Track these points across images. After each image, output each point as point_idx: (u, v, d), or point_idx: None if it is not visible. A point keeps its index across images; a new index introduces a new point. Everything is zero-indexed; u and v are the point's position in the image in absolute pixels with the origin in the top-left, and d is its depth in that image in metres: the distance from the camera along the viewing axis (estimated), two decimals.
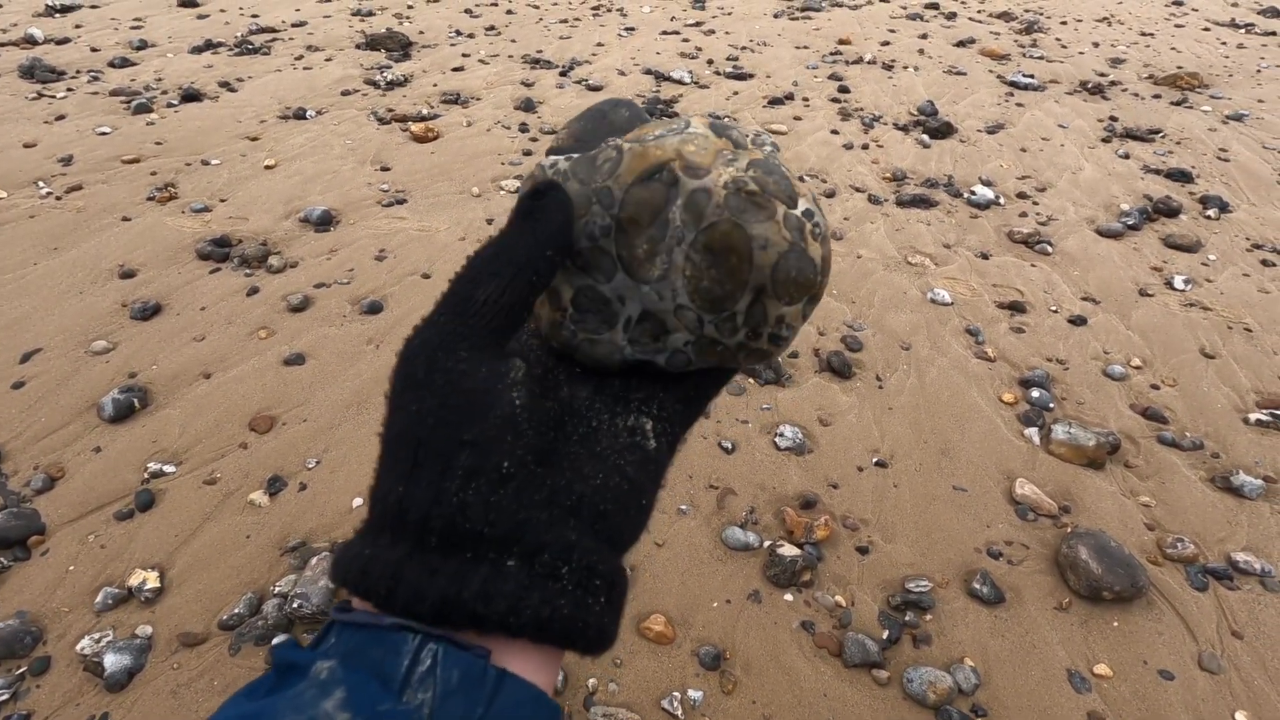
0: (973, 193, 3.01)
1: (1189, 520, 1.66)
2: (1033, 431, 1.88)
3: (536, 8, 5.44)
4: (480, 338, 0.30)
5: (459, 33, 4.75)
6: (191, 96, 3.54)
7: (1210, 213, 2.99)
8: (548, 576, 0.28)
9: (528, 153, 3.19)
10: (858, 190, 3.03)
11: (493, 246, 0.31)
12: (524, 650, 0.28)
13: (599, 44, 4.67)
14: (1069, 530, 1.60)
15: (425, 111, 3.53)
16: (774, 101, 3.85)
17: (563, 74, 4.11)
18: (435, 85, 3.87)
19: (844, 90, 4.05)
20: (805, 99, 3.94)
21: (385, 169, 3.00)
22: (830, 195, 2.97)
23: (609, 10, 5.44)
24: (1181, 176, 3.24)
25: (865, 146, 3.43)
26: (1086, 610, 1.46)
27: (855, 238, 2.70)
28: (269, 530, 1.54)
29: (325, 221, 2.60)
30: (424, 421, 0.28)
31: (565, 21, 5.12)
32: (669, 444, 0.35)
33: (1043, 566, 1.54)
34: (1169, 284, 2.53)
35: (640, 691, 1.28)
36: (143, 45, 4.19)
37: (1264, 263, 2.69)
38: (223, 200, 2.72)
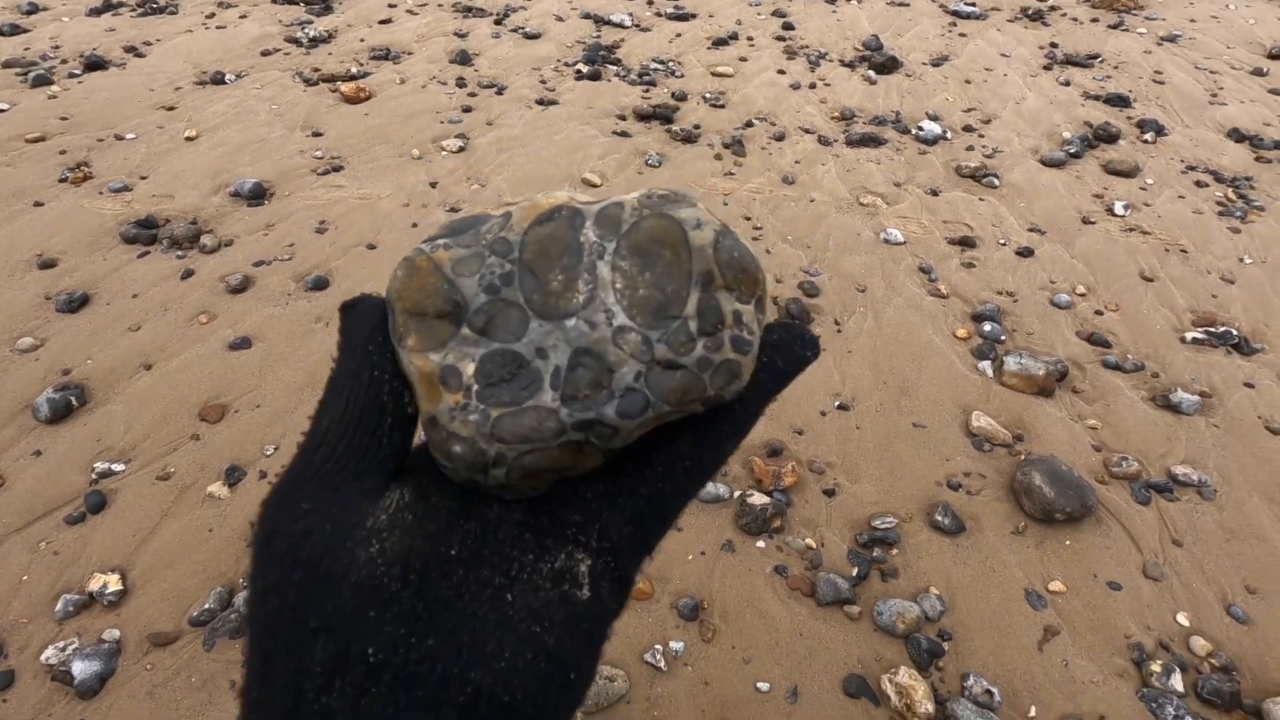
0: (920, 128, 3.02)
1: (1132, 439, 1.75)
2: (986, 365, 1.93)
3: None
4: (329, 476, 0.25)
5: None
6: (95, 64, 3.28)
7: (1147, 137, 3.06)
8: None
9: (467, 109, 3.06)
10: (807, 132, 3.01)
11: (330, 375, 0.28)
12: None
13: None
14: (1023, 458, 1.67)
15: (354, 70, 3.34)
16: (718, 43, 3.76)
17: (498, 22, 3.93)
18: (362, 40, 3.66)
19: (789, 27, 3.97)
20: (750, 38, 3.85)
21: (317, 134, 2.85)
22: (780, 139, 2.94)
23: None
24: (1120, 101, 3.30)
25: (813, 86, 3.38)
26: (1041, 532, 1.53)
27: (807, 181, 2.69)
28: (232, 522, 1.50)
29: (258, 195, 2.47)
30: (266, 605, 0.24)
31: None
32: (614, 587, 0.27)
33: (999, 494, 1.60)
34: (1110, 210, 2.60)
35: (623, 648, 1.31)
36: (33, 9, 3.84)
37: (1198, 184, 2.77)
38: (143, 178, 2.55)
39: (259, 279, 2.12)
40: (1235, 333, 2.04)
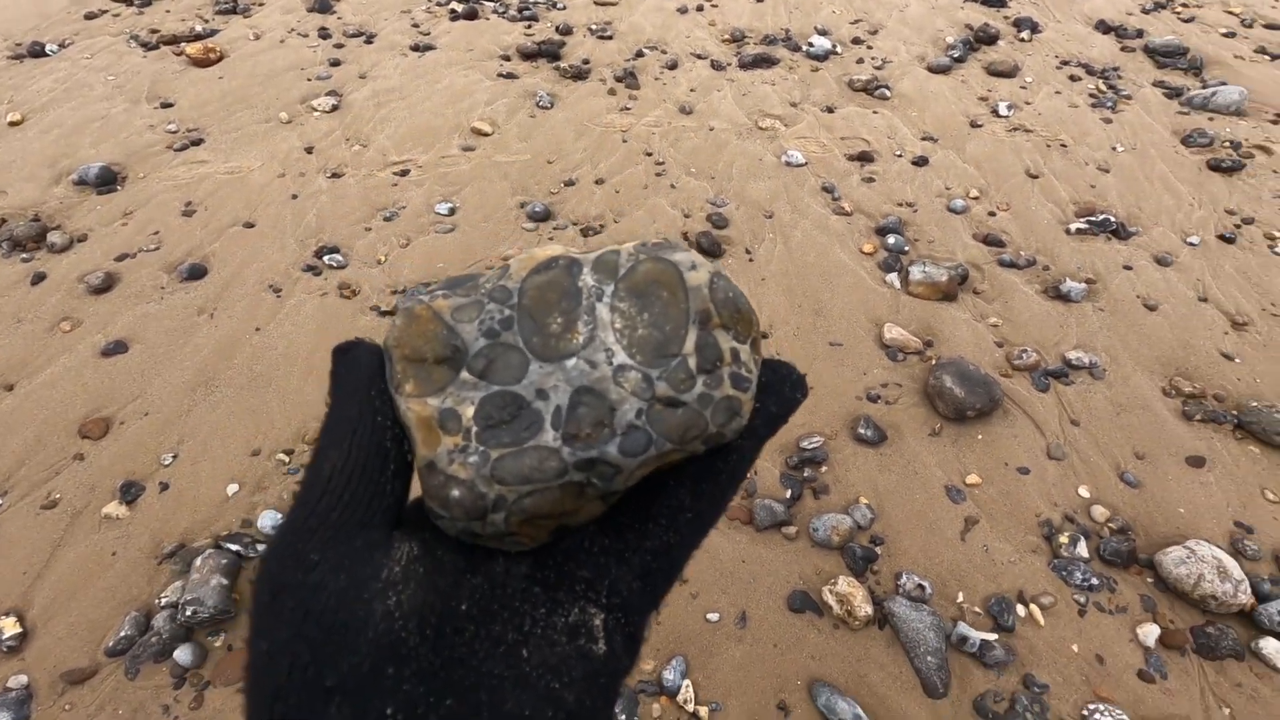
0: (810, 44, 2.99)
1: (1030, 331, 1.85)
2: (893, 276, 1.98)
3: None
4: (336, 527, 0.23)
5: None
6: None
7: (1023, 35, 3.14)
8: None
9: (335, 62, 2.81)
10: (700, 58, 2.93)
11: (324, 421, 0.27)
12: None
13: None
14: (933, 362, 1.74)
15: (199, 28, 3.00)
16: None
17: None
18: None
19: None
20: None
21: (167, 105, 2.57)
22: (673, 67, 2.85)
23: None
24: (996, 1, 3.36)
25: (700, 8, 3.29)
26: (955, 431, 1.61)
27: (704, 109, 2.64)
28: (137, 541, 1.40)
29: (107, 180, 2.21)
30: (276, 665, 0.22)
31: None
32: (627, 641, 0.26)
33: (916, 400, 1.67)
34: (995, 112, 2.67)
35: None
36: None
37: (1071, 78, 2.88)
38: None
39: (124, 274, 1.92)
40: (1113, 219, 2.17)
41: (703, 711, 1.18)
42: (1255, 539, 1.42)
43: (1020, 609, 1.32)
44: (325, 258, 1.98)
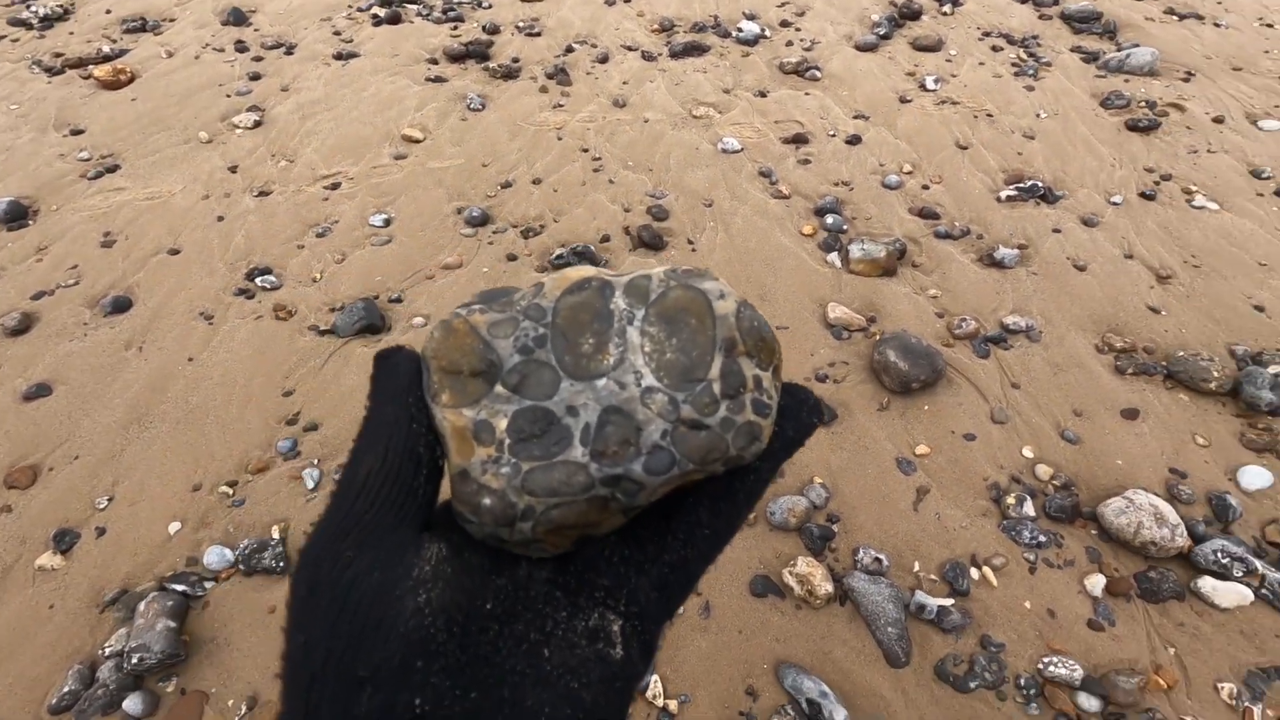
0: (740, 30, 3.00)
1: (968, 300, 1.89)
2: (834, 256, 2.01)
3: None
4: (371, 527, 0.25)
5: None
6: None
7: (946, 9, 3.20)
8: None
9: (255, 76, 2.72)
10: (630, 50, 2.91)
11: (362, 424, 0.28)
12: None
13: None
14: (877, 338, 1.77)
15: (107, 49, 2.87)
16: None
17: None
18: (109, 12, 3.14)
19: None
20: None
21: (78, 131, 2.45)
22: (604, 60, 2.83)
23: None
24: None
25: None
26: (903, 404, 1.64)
27: (638, 101, 2.62)
28: (76, 591, 1.34)
29: (17, 215, 2.10)
30: (312, 655, 0.23)
31: None
32: (643, 648, 0.28)
33: (863, 377, 1.70)
34: (922, 86, 2.72)
35: None
36: None
37: (994, 49, 2.95)
38: None
39: (43, 313, 1.83)
40: (1041, 184, 2.23)
41: (672, 705, 1.18)
42: (1189, 483, 1.48)
43: (974, 572, 1.36)
44: (257, 280, 1.91)
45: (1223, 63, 2.87)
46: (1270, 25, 3.15)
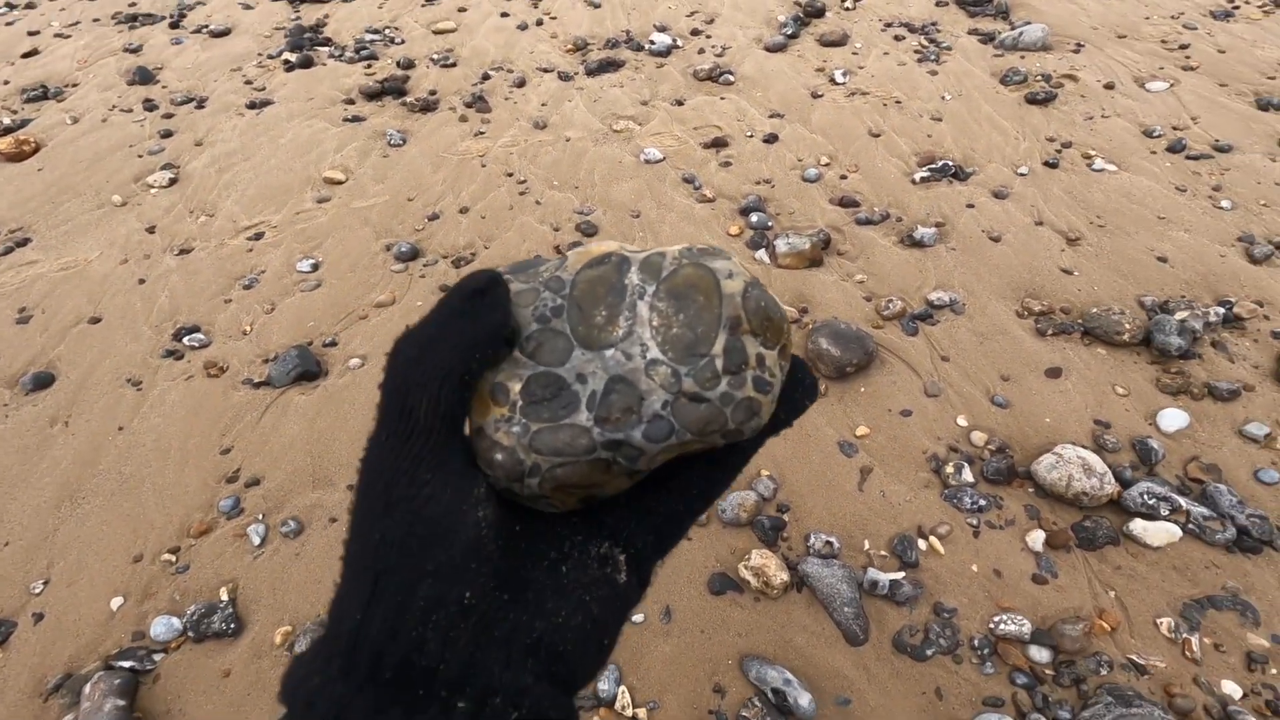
0: (652, 42, 3.06)
1: (893, 281, 1.95)
2: (761, 253, 2.06)
3: None
4: (436, 455, 0.28)
5: (9, 5, 3.72)
6: None
7: (848, 4, 3.32)
8: None
9: (166, 134, 2.67)
10: (546, 71, 2.94)
11: (416, 345, 0.29)
12: None
13: None
14: (810, 327, 1.81)
15: (8, 120, 2.79)
16: None
17: (174, 25, 3.42)
18: (7, 83, 3.04)
19: None
20: None
21: None
22: (521, 85, 2.86)
23: None
24: None
25: (540, 22, 3.30)
26: (840, 389, 1.69)
27: (559, 121, 2.65)
28: (16, 682, 1.28)
29: None
30: (386, 553, 0.27)
31: None
32: (640, 579, 0.33)
33: None
34: (832, 80, 2.81)
35: None
36: None
37: (896, 38, 3.07)
38: None
39: None
40: (951, 163, 2.32)
41: (641, 713, 1.19)
42: (1113, 432, 1.56)
43: (921, 543, 1.40)
44: (185, 339, 1.87)
45: (1108, 32, 3.03)
46: None
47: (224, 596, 1.37)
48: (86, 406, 1.73)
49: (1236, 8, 3.14)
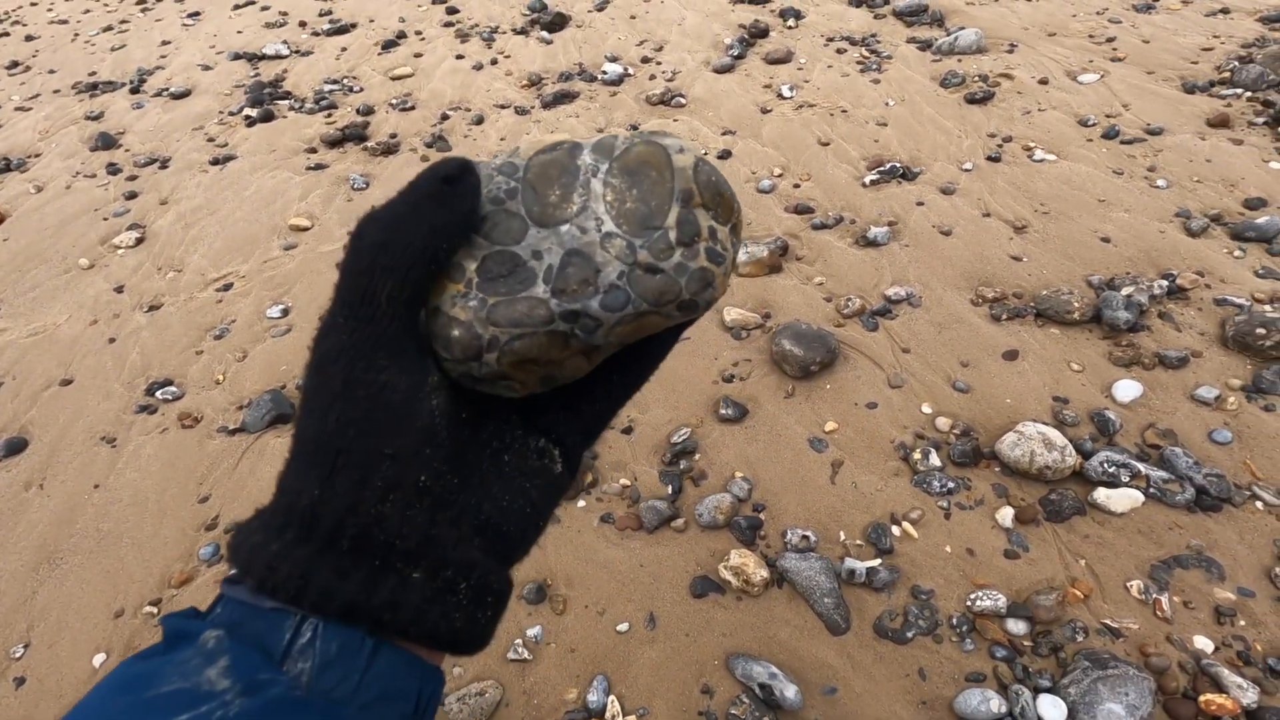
0: (604, 73, 3.15)
1: (851, 281, 2.01)
2: None
3: (64, 23, 4.45)
4: (394, 341, 0.29)
5: None
6: None
7: (790, 23, 3.44)
8: (447, 591, 0.30)
9: (131, 195, 2.70)
10: (503, 108, 3.02)
11: (383, 229, 0.29)
12: (410, 644, 0.30)
13: (165, 42, 3.98)
14: (773, 331, 1.86)
15: None
16: (388, 45, 3.62)
17: (134, 90, 3.47)
18: None
19: (453, 11, 3.92)
20: (419, 32, 3.75)
21: None
22: (480, 122, 2.93)
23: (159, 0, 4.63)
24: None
25: (495, 61, 3.39)
26: (806, 388, 1.73)
27: None
28: None
29: None
30: (344, 433, 0.28)
31: (110, 29, 4.27)
32: (571, 469, 0.36)
33: (765, 370, 1.78)
34: (780, 95, 2.90)
35: (484, 658, 1.30)
36: None
37: (839, 52, 3.18)
38: None
39: None
40: (899, 165, 2.40)
41: None
42: (1071, 407, 1.60)
43: (895, 529, 1.43)
44: (158, 393, 1.88)
45: (1039, 31, 3.17)
46: None
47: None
48: (61, 468, 1.73)
49: (1157, 0, 3.30)
